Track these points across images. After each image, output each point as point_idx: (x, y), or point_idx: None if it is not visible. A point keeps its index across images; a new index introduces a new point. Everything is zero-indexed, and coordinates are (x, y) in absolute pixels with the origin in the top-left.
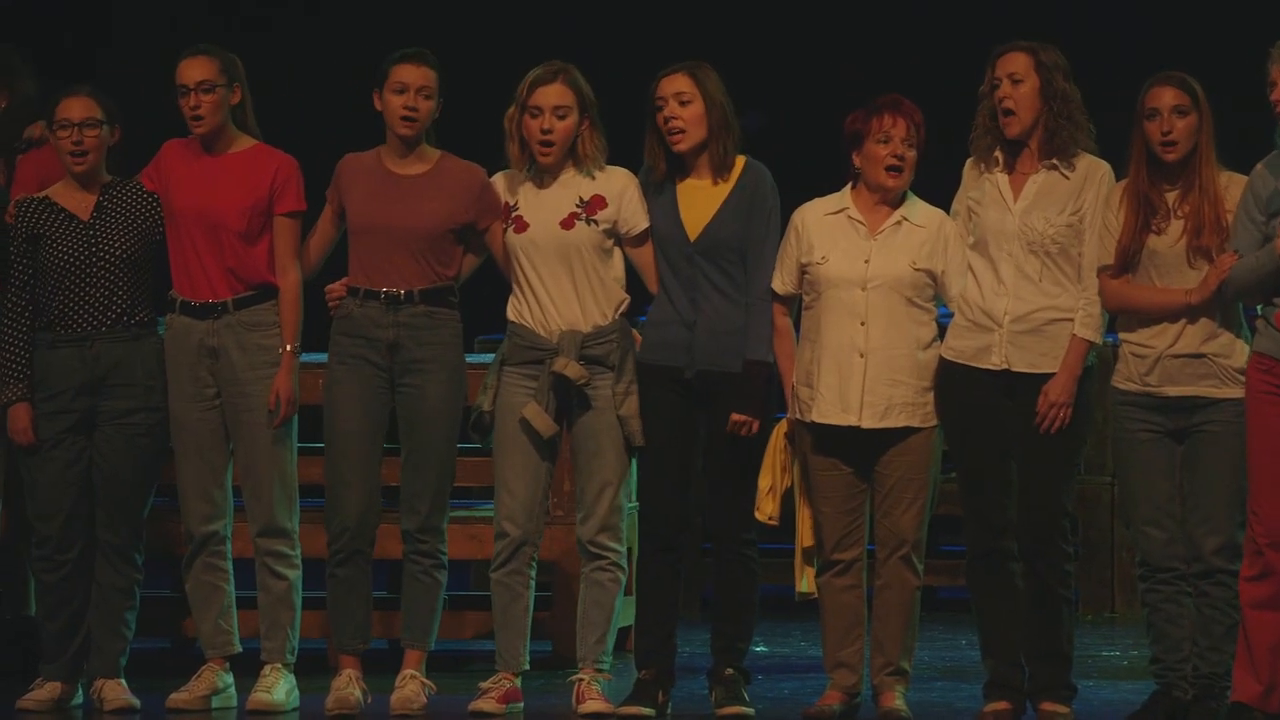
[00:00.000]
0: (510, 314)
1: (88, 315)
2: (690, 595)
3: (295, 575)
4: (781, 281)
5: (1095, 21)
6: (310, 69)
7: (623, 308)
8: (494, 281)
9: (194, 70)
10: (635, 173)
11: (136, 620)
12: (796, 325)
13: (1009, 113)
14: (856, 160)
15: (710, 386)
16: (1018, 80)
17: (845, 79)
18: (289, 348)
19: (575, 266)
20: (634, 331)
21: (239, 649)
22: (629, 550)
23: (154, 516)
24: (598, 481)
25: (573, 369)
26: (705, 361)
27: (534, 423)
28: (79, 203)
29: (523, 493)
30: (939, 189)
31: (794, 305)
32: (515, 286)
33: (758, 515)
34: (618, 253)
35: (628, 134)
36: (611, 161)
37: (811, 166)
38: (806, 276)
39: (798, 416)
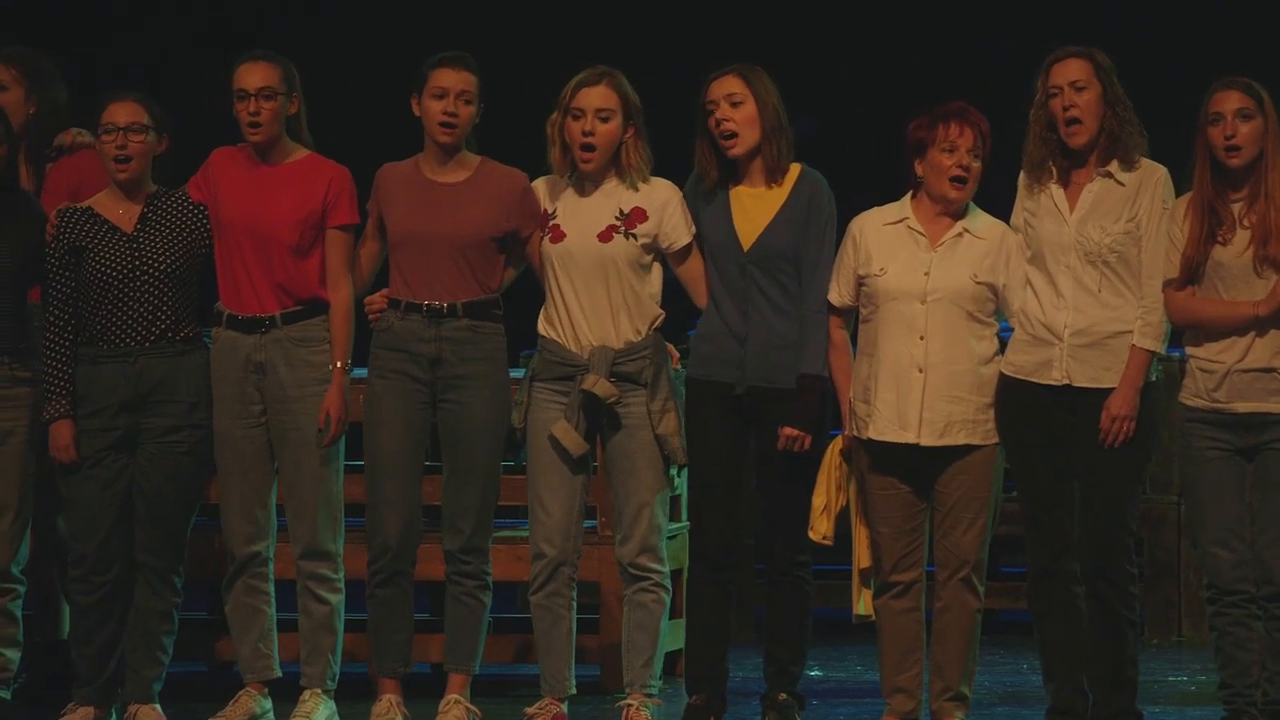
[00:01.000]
0: (540, 328)
1: (131, 330)
2: (743, 617)
3: (338, 600)
4: (838, 293)
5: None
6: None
7: (657, 324)
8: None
9: (255, 76)
10: (681, 184)
11: (175, 644)
12: (854, 338)
13: (1075, 121)
14: (919, 169)
15: (762, 403)
16: (1081, 87)
17: (844, 78)
18: (339, 365)
19: (611, 281)
20: (669, 346)
21: (278, 674)
22: (676, 571)
23: (193, 537)
24: (635, 502)
25: (603, 386)
26: (757, 377)
27: (563, 440)
28: (122, 213)
29: (558, 512)
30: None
31: (851, 318)
32: (548, 298)
33: (811, 535)
34: (656, 268)
35: (676, 144)
36: (657, 173)
37: (867, 174)
38: (864, 289)
39: (854, 433)
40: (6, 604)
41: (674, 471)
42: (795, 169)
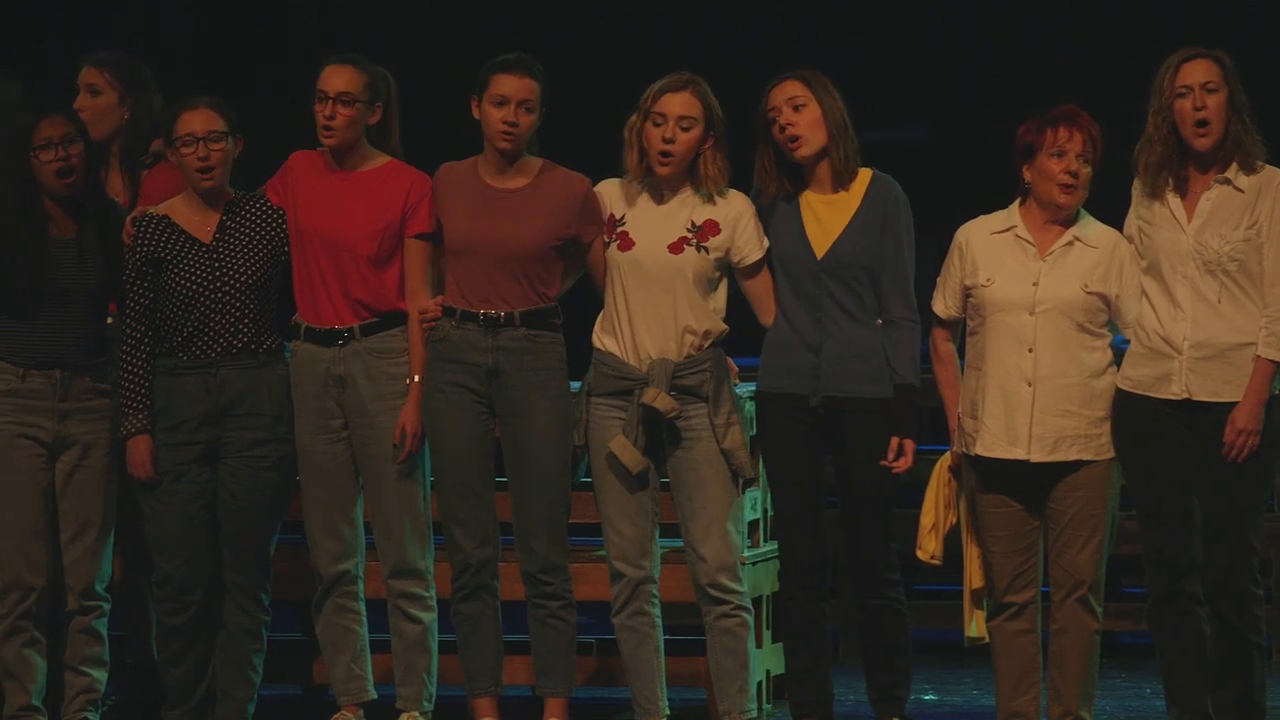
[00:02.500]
0: (596, 339)
1: (212, 342)
2: (850, 638)
3: (430, 618)
4: (944, 305)
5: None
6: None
7: (720, 338)
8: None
9: (337, 80)
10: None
11: (264, 665)
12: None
13: (1204, 123)
14: (1027, 175)
15: (838, 415)
16: (1212, 89)
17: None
18: (417, 378)
19: (678, 293)
20: (729, 360)
21: (373, 696)
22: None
23: (284, 555)
24: (703, 519)
25: (663, 401)
26: (832, 387)
27: (621, 457)
28: (200, 222)
29: (630, 530)
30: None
31: (957, 330)
32: (607, 307)
33: (919, 554)
34: (724, 283)
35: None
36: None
37: (975, 181)
38: (970, 300)
39: (963, 450)
40: (91, 622)
41: (743, 488)
42: (866, 174)
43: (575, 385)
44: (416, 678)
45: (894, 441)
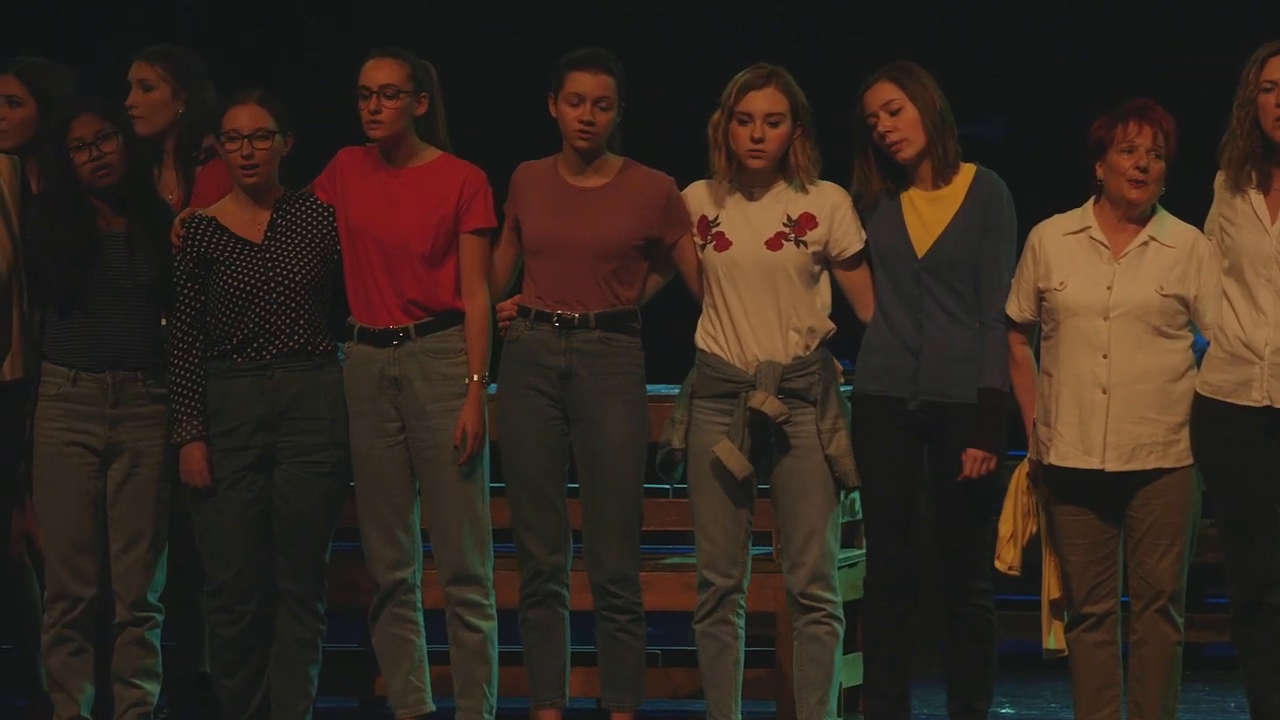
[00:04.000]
0: (700, 341)
1: (267, 344)
2: (927, 650)
3: (490, 627)
4: (1018, 308)
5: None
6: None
7: (827, 337)
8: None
9: (379, 73)
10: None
11: (320, 676)
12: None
13: None
14: (1099, 172)
15: (937, 419)
16: None
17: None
18: (476, 378)
19: (780, 291)
20: (835, 362)
21: (432, 708)
22: (854, 601)
23: (339, 564)
24: (805, 527)
25: (771, 404)
26: (932, 391)
27: (727, 462)
28: (250, 222)
29: (722, 538)
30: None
31: (1032, 333)
32: (708, 310)
33: (997, 564)
34: (825, 277)
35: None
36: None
37: (1054, 178)
38: (1044, 303)
39: (1037, 457)
40: (144, 633)
41: (843, 495)
42: (969, 170)
43: (653, 389)
44: (476, 689)
45: (969, 456)
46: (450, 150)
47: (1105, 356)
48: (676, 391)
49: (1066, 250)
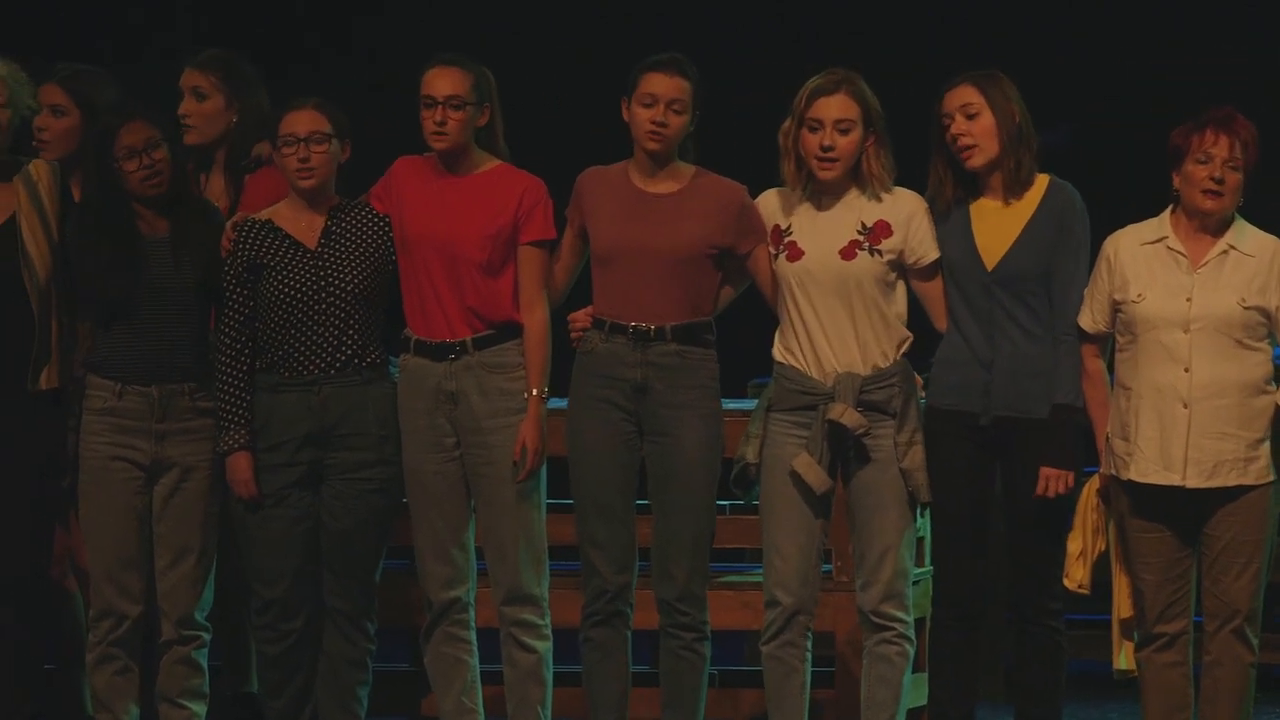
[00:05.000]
0: (777, 353)
1: (315, 356)
2: (992, 671)
3: (545, 647)
4: (1091, 319)
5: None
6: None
7: (904, 347)
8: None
9: (444, 83)
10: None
11: (370, 696)
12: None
13: None
14: (1176, 181)
15: (1009, 435)
16: None
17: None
18: (535, 392)
19: (855, 301)
20: (915, 374)
21: None
22: (919, 619)
23: (391, 581)
24: (880, 544)
25: (850, 417)
26: (1004, 406)
27: (805, 476)
28: (305, 227)
29: (795, 556)
30: None
31: (1106, 345)
32: (784, 322)
33: (1066, 583)
34: (901, 286)
35: (915, 154)
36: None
37: (1126, 187)
38: (1120, 315)
39: (1113, 473)
40: (190, 652)
41: (918, 512)
42: (1043, 180)
43: (729, 405)
44: (530, 710)
45: (1045, 475)
46: (508, 158)
47: (1186, 370)
48: (746, 407)
49: (1143, 261)
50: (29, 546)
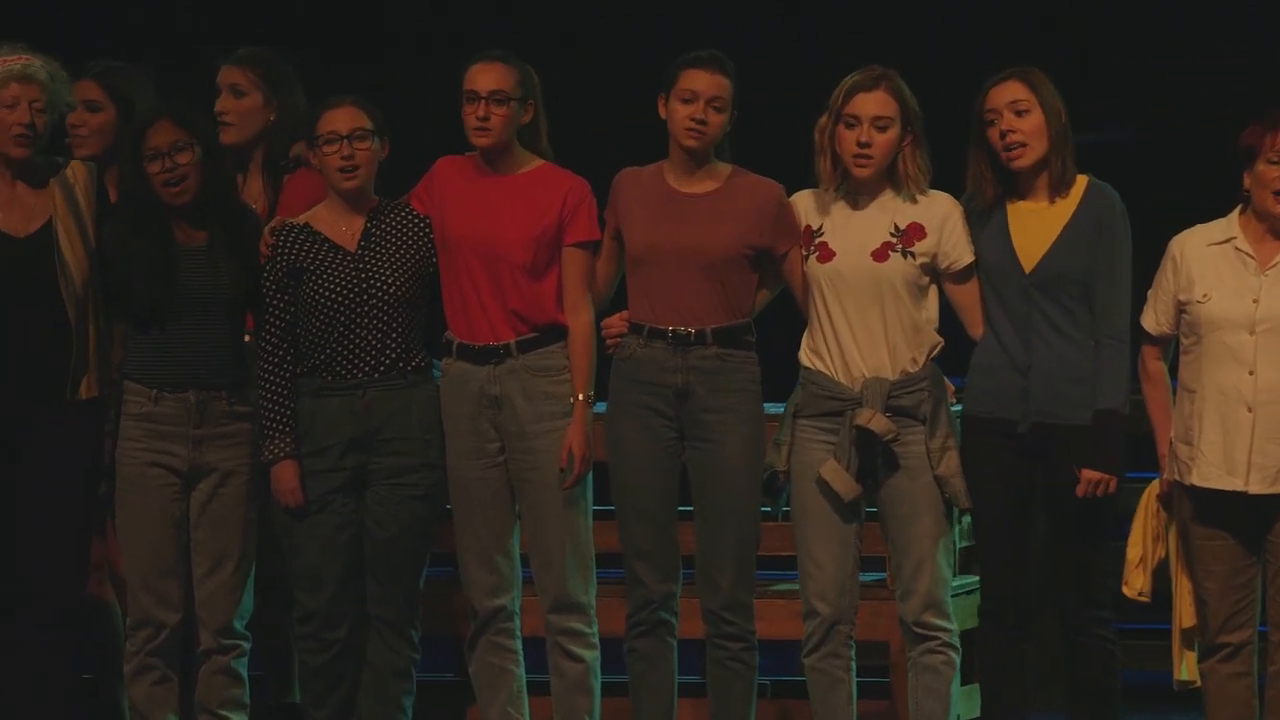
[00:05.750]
0: (804, 357)
1: (358, 360)
2: (1048, 679)
3: (593, 656)
4: (1155, 320)
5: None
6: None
7: (935, 352)
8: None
9: (488, 78)
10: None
11: (414, 706)
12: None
13: None
14: (1247, 181)
15: (1048, 441)
16: None
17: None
18: (581, 397)
19: (886, 304)
20: (945, 380)
21: None
22: (969, 630)
23: (435, 589)
24: (915, 553)
25: (879, 422)
26: (1042, 412)
27: (833, 483)
28: (344, 230)
29: (830, 565)
30: None
31: (1169, 347)
32: (812, 324)
33: (1125, 591)
34: (933, 290)
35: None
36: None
37: (1189, 188)
38: (1185, 316)
39: (1176, 478)
40: (230, 662)
41: (956, 519)
42: (1081, 181)
43: (770, 408)
44: None
45: (1085, 476)
46: (551, 158)
47: (1251, 373)
48: (780, 411)
49: (1210, 261)
50: (79, 564)
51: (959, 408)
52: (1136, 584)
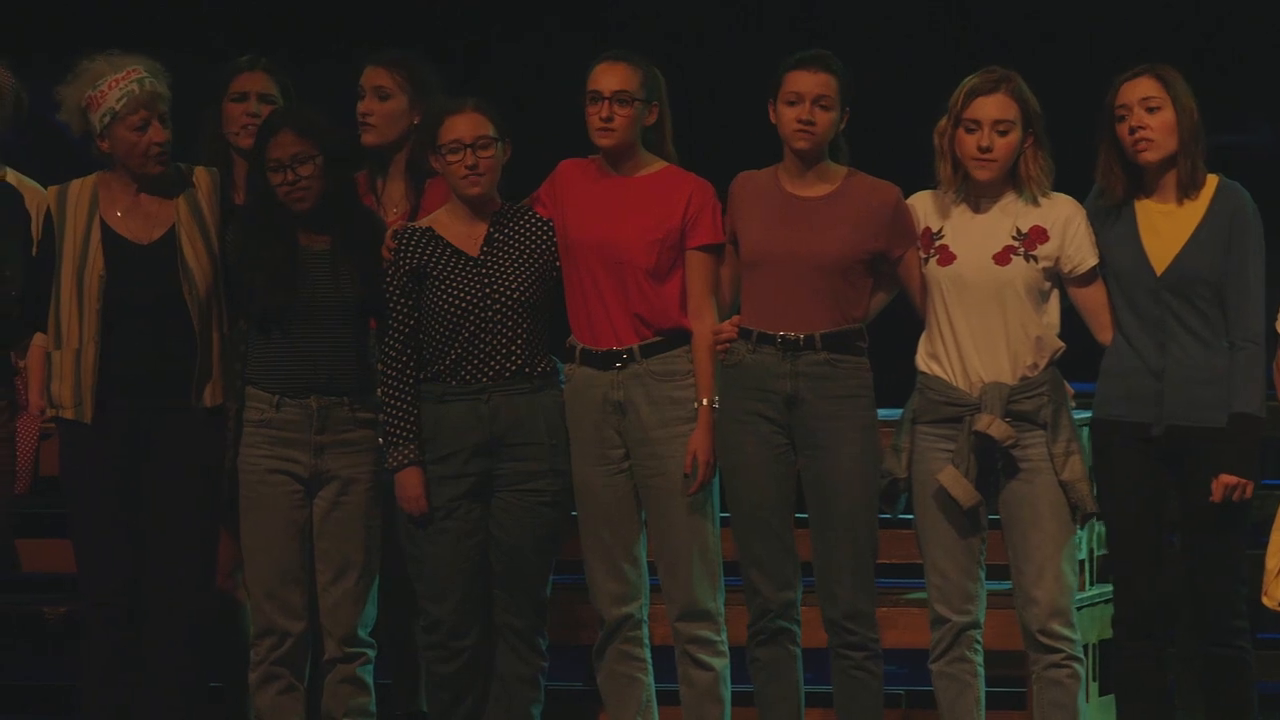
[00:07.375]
0: (921, 362)
1: (483, 365)
2: (1190, 691)
3: (722, 665)
4: None
5: None
6: None
7: (1056, 357)
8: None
9: (612, 77)
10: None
11: (542, 715)
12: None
13: None
14: None
15: (1183, 445)
16: None
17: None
18: (705, 402)
19: (1008, 308)
20: (1066, 384)
21: None
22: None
23: (562, 597)
24: (1037, 559)
25: (998, 428)
26: (1177, 415)
27: (952, 490)
28: (467, 234)
29: (954, 572)
30: None
31: None
32: (930, 328)
33: (1265, 601)
34: (1055, 295)
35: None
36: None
37: None
38: None
39: None
40: (355, 670)
41: (1087, 526)
42: (1212, 181)
43: (885, 414)
44: None
45: (1220, 481)
46: (677, 160)
47: None
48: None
49: None
50: (205, 573)
51: (1088, 413)
52: (1277, 594)
